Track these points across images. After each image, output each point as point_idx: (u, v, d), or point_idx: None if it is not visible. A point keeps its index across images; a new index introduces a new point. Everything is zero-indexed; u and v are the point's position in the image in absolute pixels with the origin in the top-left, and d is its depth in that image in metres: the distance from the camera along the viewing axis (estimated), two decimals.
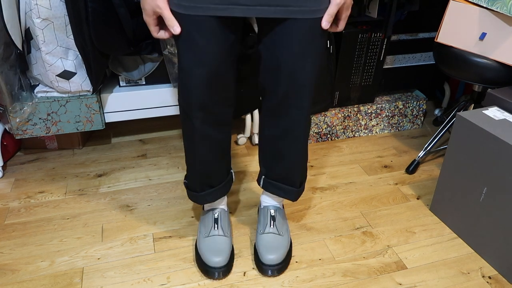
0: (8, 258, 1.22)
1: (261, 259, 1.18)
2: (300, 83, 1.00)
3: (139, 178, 1.57)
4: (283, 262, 1.19)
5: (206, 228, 1.22)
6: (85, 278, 1.16)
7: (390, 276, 1.19)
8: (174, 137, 1.84)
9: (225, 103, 1.06)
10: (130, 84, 1.59)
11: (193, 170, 1.14)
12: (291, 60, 0.97)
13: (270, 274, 1.17)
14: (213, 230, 1.21)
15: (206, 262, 1.16)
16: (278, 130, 1.09)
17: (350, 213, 1.42)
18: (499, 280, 1.19)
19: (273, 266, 1.17)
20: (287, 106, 1.04)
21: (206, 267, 1.16)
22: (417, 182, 1.58)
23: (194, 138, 1.08)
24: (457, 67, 1.41)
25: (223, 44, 0.96)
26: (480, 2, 1.31)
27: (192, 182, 1.17)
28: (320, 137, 1.80)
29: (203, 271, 1.16)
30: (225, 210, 1.27)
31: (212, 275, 1.15)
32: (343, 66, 1.69)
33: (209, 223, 1.23)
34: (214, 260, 1.15)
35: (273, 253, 1.17)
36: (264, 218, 1.25)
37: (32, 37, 1.33)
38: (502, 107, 1.28)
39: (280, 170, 1.16)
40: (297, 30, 0.94)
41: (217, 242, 1.19)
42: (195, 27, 0.92)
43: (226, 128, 1.11)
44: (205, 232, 1.22)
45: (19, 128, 1.49)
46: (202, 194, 1.17)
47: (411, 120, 1.92)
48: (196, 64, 0.96)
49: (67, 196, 1.47)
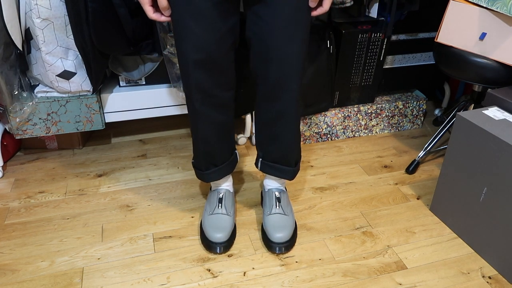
0: (8, 258, 1.22)
1: (270, 238, 1.24)
2: (289, 67, 1.03)
3: (139, 178, 1.57)
4: (290, 240, 1.26)
5: (211, 206, 1.29)
6: (85, 278, 1.16)
7: (390, 276, 1.19)
8: (174, 137, 1.84)
9: (224, 87, 1.09)
10: (130, 84, 1.59)
11: (198, 150, 1.21)
12: (279, 43, 1.00)
13: (278, 251, 1.24)
14: (217, 209, 1.28)
15: (209, 237, 1.23)
16: (272, 113, 1.14)
17: (350, 213, 1.42)
18: (499, 280, 1.19)
19: (282, 244, 1.24)
20: (279, 90, 1.08)
21: (209, 242, 1.23)
22: (417, 182, 1.58)
23: (195, 119, 1.13)
24: (457, 67, 1.41)
25: (219, 30, 0.98)
26: (480, 2, 1.31)
27: (198, 161, 1.24)
28: (320, 137, 1.80)
29: (206, 246, 1.24)
30: (230, 191, 1.34)
31: (214, 249, 1.23)
32: (343, 66, 1.69)
33: (214, 202, 1.30)
34: (216, 236, 1.22)
35: (281, 232, 1.24)
36: (270, 200, 1.31)
37: (32, 37, 1.33)
38: (502, 107, 1.28)
39: (275, 151, 1.22)
40: (283, 11, 0.96)
41: (220, 219, 1.26)
42: (190, 13, 0.95)
43: (227, 109, 1.15)
44: (210, 210, 1.29)
45: (19, 128, 1.49)
46: (207, 172, 1.24)
47: (411, 120, 1.92)
48: (192, 50, 0.99)
49: (67, 196, 1.47)
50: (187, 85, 1.07)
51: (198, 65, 1.01)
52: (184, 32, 0.98)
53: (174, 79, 1.51)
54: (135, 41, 1.43)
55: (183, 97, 1.61)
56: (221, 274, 1.18)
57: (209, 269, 1.20)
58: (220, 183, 1.33)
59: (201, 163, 1.23)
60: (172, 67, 1.48)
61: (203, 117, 1.12)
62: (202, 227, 1.29)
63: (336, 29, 1.63)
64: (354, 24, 1.66)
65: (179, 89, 1.56)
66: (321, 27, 1.60)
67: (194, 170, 1.29)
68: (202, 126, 1.14)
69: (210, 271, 1.19)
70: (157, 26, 1.39)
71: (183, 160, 1.67)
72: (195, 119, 1.13)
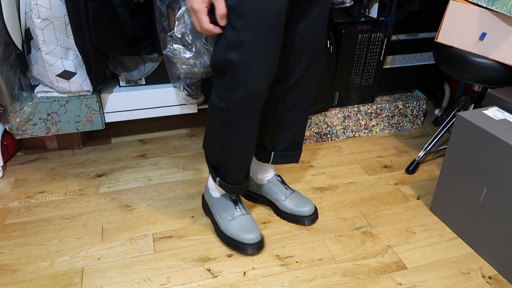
0: (8, 258, 1.22)
1: (298, 214, 1.33)
2: (318, 58, 1.12)
3: (139, 178, 1.57)
4: (315, 213, 1.36)
5: (228, 212, 1.26)
6: (85, 278, 1.16)
7: (390, 276, 1.19)
8: (174, 137, 1.84)
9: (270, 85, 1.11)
10: (130, 84, 1.59)
11: (237, 165, 1.15)
12: (318, 42, 1.08)
13: (307, 223, 1.34)
14: (236, 212, 1.26)
15: (243, 241, 1.22)
16: (289, 104, 1.17)
17: (350, 213, 1.42)
18: (499, 280, 1.19)
19: (309, 216, 1.34)
20: (305, 79, 1.13)
21: (244, 245, 1.23)
22: (417, 182, 1.58)
23: (251, 130, 1.10)
24: (457, 67, 1.41)
25: (280, 38, 0.99)
26: (480, 2, 1.31)
27: (236, 176, 1.18)
28: (320, 137, 1.80)
29: (241, 249, 1.23)
30: None
31: (253, 250, 1.23)
32: (343, 66, 1.69)
33: (229, 207, 1.27)
34: (249, 237, 1.22)
35: (306, 206, 1.34)
36: (279, 186, 1.36)
37: (32, 37, 1.33)
38: (502, 107, 1.28)
39: (287, 138, 1.24)
40: (324, 16, 1.06)
41: (244, 221, 1.25)
42: (263, 23, 0.94)
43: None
44: (228, 216, 1.26)
45: (19, 128, 1.49)
46: (247, 182, 1.22)
47: (411, 120, 1.92)
48: (265, 69, 0.98)
49: (67, 196, 1.47)
50: (250, 95, 1.01)
51: (266, 79, 1.00)
52: (255, 50, 0.95)
53: (174, 79, 1.51)
54: (135, 41, 1.43)
55: (183, 97, 1.61)
56: (221, 274, 1.18)
57: (209, 269, 1.20)
58: None
59: (241, 176, 1.19)
60: (172, 67, 1.48)
61: (255, 122, 1.08)
62: (227, 234, 1.25)
63: (336, 29, 1.63)
64: (354, 24, 1.66)
65: (179, 89, 1.56)
66: None
67: (228, 187, 1.20)
68: (254, 133, 1.11)
69: (210, 271, 1.19)
70: (157, 26, 1.39)
71: (183, 160, 1.67)
72: (249, 131, 1.09)
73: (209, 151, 1.20)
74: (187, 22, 1.38)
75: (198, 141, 1.81)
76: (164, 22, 1.38)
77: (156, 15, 1.37)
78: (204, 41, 1.45)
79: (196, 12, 0.92)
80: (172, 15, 1.37)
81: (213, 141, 1.16)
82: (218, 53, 0.99)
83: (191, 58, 1.43)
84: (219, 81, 1.04)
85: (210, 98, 1.11)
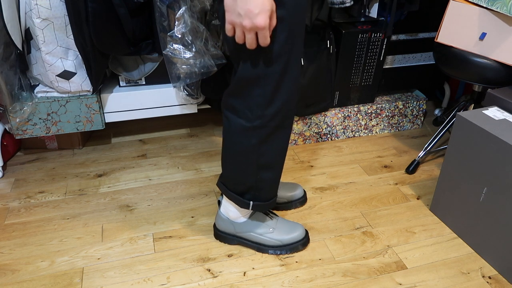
0: (8, 258, 1.22)
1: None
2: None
3: (139, 178, 1.57)
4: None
5: (266, 224, 1.25)
6: (85, 278, 1.16)
7: (390, 276, 1.19)
8: (174, 137, 1.84)
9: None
10: (130, 84, 1.59)
11: (279, 173, 1.14)
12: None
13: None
14: (272, 222, 1.26)
15: (293, 241, 1.25)
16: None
17: (350, 213, 1.42)
18: (499, 280, 1.19)
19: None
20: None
21: (296, 244, 1.25)
22: (417, 182, 1.58)
23: (286, 142, 1.09)
24: (457, 67, 1.41)
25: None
26: (480, 2, 1.31)
27: (272, 190, 1.16)
28: (320, 137, 1.80)
29: (294, 249, 1.25)
30: None
31: (304, 245, 1.26)
32: (343, 66, 1.69)
33: (263, 219, 1.26)
34: (296, 235, 1.25)
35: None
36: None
37: (32, 37, 1.33)
38: (502, 107, 1.28)
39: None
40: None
41: (283, 225, 1.26)
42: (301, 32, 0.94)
43: None
44: (269, 227, 1.25)
45: (19, 128, 1.49)
46: (276, 197, 1.20)
47: (411, 120, 1.92)
48: (298, 73, 0.99)
49: (67, 196, 1.47)
50: (291, 109, 1.02)
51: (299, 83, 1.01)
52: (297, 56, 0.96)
53: (174, 79, 1.51)
54: (135, 41, 1.43)
55: (183, 97, 1.61)
56: (221, 274, 1.18)
57: (209, 269, 1.20)
58: None
59: (273, 192, 1.17)
60: (172, 67, 1.47)
61: (289, 130, 1.07)
62: (277, 245, 1.24)
63: (336, 29, 1.63)
64: (354, 24, 1.66)
65: (179, 89, 1.56)
66: (321, 27, 1.60)
67: (260, 205, 1.17)
68: (285, 145, 1.09)
69: (210, 271, 1.19)
70: (157, 26, 1.39)
71: (183, 160, 1.67)
72: (286, 143, 1.08)
73: (234, 180, 1.14)
74: (187, 22, 1.38)
75: (198, 141, 1.81)
76: (164, 22, 1.38)
77: (156, 15, 1.37)
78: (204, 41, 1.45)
79: (264, 29, 0.84)
80: (172, 15, 1.37)
81: (242, 166, 1.09)
82: (254, 67, 0.94)
83: (191, 58, 1.43)
84: (249, 100, 0.99)
85: (229, 123, 1.05)
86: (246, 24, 0.82)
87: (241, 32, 0.85)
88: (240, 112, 1.01)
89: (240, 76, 0.97)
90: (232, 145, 1.08)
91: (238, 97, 1.00)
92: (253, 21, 0.81)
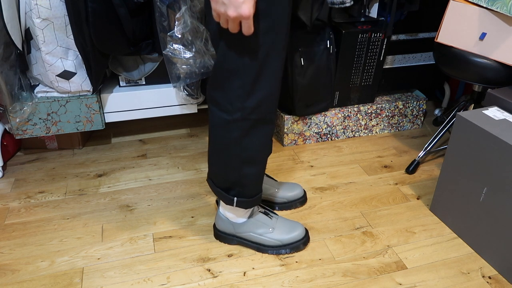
0: (8, 258, 1.22)
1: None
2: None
3: (139, 178, 1.57)
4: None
5: (266, 225, 1.25)
6: (85, 278, 1.16)
7: (390, 276, 1.19)
8: (174, 137, 1.84)
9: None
10: (130, 84, 1.59)
11: (263, 168, 1.14)
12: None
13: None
14: (272, 222, 1.26)
15: (294, 241, 1.25)
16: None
17: (350, 213, 1.42)
18: (499, 280, 1.19)
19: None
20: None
21: (297, 243, 1.25)
22: (417, 182, 1.58)
23: (269, 137, 1.09)
24: (457, 67, 1.41)
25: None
26: (480, 2, 1.31)
27: (256, 186, 1.16)
28: (320, 137, 1.80)
29: (294, 249, 1.25)
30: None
31: (304, 245, 1.26)
32: (343, 66, 1.69)
33: (264, 220, 1.26)
34: (296, 234, 1.25)
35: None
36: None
37: (32, 37, 1.33)
38: (502, 107, 1.28)
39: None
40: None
41: (283, 225, 1.26)
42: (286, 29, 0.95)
43: None
44: (268, 227, 1.25)
45: (19, 128, 1.49)
46: (260, 191, 1.19)
47: (411, 120, 1.92)
48: (279, 57, 0.98)
49: (67, 196, 1.47)
50: (273, 108, 1.03)
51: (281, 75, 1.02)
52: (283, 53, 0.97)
53: (174, 79, 1.51)
54: (135, 41, 1.43)
55: (183, 97, 1.61)
56: (221, 274, 1.18)
57: (209, 269, 1.20)
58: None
59: (258, 187, 1.16)
60: (172, 67, 1.48)
61: (272, 125, 1.08)
62: (277, 245, 1.24)
63: (336, 29, 1.63)
64: (354, 24, 1.66)
65: (179, 89, 1.56)
66: (321, 27, 1.60)
67: (246, 201, 1.16)
68: (267, 140, 1.09)
69: (210, 271, 1.19)
70: (157, 26, 1.40)
71: (183, 160, 1.67)
72: (270, 140, 1.09)
73: (219, 175, 1.14)
74: (187, 22, 1.38)
75: (198, 141, 1.81)
76: (164, 22, 1.38)
77: (156, 15, 1.37)
78: (204, 41, 1.45)
79: (248, 19, 0.84)
80: (172, 15, 1.38)
81: (225, 160, 1.09)
82: (234, 57, 0.95)
83: (191, 58, 1.43)
84: (229, 92, 0.99)
85: (212, 116, 1.06)
86: (231, 13, 0.82)
87: (226, 21, 0.86)
88: (222, 105, 1.03)
89: (219, 65, 0.98)
90: (215, 138, 1.09)
91: (219, 89, 1.01)
92: (238, 10, 0.82)
